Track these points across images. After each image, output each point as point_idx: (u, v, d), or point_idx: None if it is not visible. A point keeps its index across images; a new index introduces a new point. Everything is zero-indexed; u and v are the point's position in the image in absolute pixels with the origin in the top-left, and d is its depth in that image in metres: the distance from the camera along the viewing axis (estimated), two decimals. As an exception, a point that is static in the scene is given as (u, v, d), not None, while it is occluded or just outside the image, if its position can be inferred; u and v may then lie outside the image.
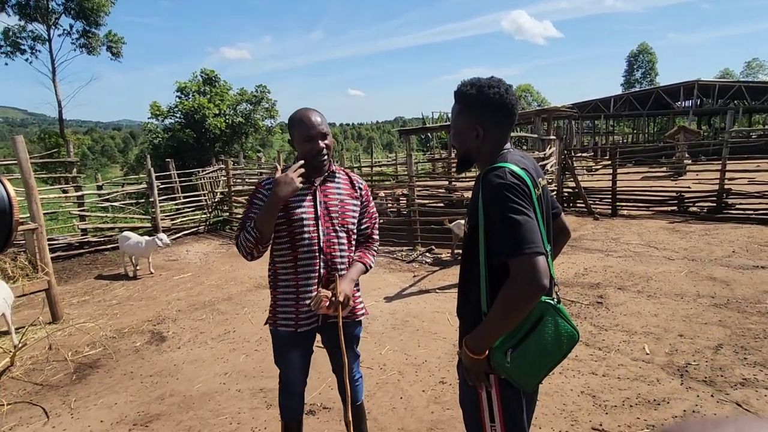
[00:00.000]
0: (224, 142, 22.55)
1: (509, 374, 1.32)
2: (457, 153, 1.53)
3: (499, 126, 1.41)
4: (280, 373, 2.12)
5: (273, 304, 2.05)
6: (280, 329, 2.01)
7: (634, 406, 2.76)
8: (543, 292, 1.21)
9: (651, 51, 54.98)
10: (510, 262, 1.23)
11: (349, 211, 2.03)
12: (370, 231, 2.13)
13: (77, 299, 5.84)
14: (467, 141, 1.44)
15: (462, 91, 1.41)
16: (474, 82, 1.40)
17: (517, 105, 1.41)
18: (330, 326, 2.01)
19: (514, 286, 1.21)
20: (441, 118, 29.37)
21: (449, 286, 5.44)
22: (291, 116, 1.95)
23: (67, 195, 9.38)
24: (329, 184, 2.01)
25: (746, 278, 4.94)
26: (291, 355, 2.06)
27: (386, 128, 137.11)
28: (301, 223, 1.91)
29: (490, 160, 1.40)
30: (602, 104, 30.95)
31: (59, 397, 3.33)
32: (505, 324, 1.26)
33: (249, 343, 4.08)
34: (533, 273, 1.19)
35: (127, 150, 77.43)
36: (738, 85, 27.30)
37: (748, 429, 0.29)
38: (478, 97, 1.37)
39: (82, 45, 25.56)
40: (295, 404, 2.16)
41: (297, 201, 1.92)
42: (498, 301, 1.24)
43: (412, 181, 8.21)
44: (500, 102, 1.36)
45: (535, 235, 1.22)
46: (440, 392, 3.08)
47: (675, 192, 9.34)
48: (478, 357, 1.33)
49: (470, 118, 1.40)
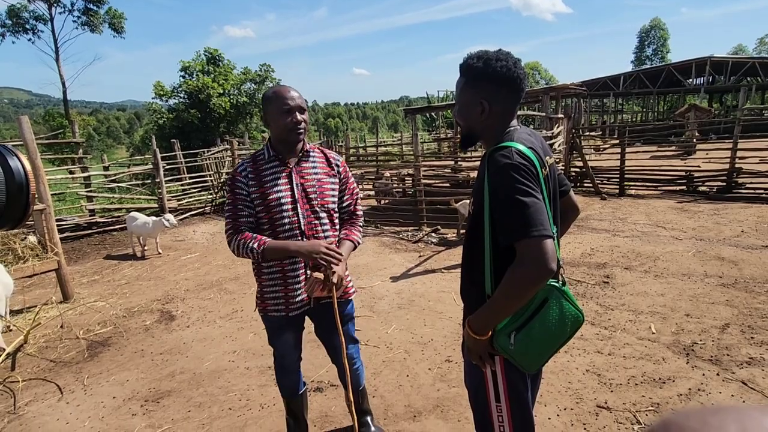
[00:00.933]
0: (229, 123, 22.44)
1: (512, 356, 1.32)
2: (460, 130, 1.47)
3: (506, 101, 1.35)
4: (274, 352, 2.13)
5: (260, 291, 2.02)
6: (270, 314, 2.01)
7: (639, 385, 2.78)
8: (549, 275, 1.18)
9: (663, 27, 53.52)
10: (516, 244, 1.20)
11: (327, 190, 1.98)
12: (353, 207, 2.09)
13: (87, 279, 5.92)
14: (472, 117, 1.37)
15: (468, 64, 1.34)
16: (481, 55, 1.34)
17: (525, 80, 1.35)
18: (321, 308, 2.01)
19: (520, 269, 1.18)
20: (447, 97, 29.03)
21: (455, 266, 5.45)
22: (265, 93, 1.91)
23: (74, 176, 9.43)
24: (304, 164, 1.96)
25: (755, 258, 4.90)
26: (285, 335, 2.07)
27: (391, 108, 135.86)
28: (280, 208, 1.88)
29: (496, 138, 1.36)
30: (611, 82, 30.36)
31: (72, 374, 3.41)
32: (509, 306, 1.25)
33: (256, 322, 4.13)
34: (540, 256, 1.16)
35: (132, 131, 77.47)
36: (752, 61, 26.62)
37: (747, 417, 0.29)
38: (484, 69, 1.31)
39: (84, 23, 25.33)
40: (293, 381, 2.19)
41: (271, 184, 1.89)
42: (503, 284, 1.22)
43: (418, 161, 8.15)
44: (508, 76, 1.30)
45: (543, 216, 1.19)
46: (446, 370, 3.12)
47: (684, 171, 9.21)
48: (481, 338, 1.32)
49: (476, 92, 1.34)
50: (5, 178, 0.80)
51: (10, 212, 0.84)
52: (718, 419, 0.29)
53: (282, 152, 1.92)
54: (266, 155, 1.93)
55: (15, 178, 0.81)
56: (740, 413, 0.30)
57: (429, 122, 31.89)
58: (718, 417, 0.30)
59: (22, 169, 0.83)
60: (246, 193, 1.88)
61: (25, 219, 0.91)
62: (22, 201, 0.83)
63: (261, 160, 1.93)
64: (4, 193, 0.80)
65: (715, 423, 0.29)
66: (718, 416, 0.30)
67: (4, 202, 0.80)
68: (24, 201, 0.84)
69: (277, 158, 1.92)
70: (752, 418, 0.29)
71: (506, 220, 1.22)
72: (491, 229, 1.30)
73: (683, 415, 0.31)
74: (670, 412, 0.48)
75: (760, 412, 0.30)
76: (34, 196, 0.85)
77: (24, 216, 0.88)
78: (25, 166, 0.84)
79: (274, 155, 1.93)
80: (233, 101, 22.25)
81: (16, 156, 0.84)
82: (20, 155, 0.85)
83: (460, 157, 11.24)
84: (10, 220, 0.87)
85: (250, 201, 1.88)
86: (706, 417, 0.30)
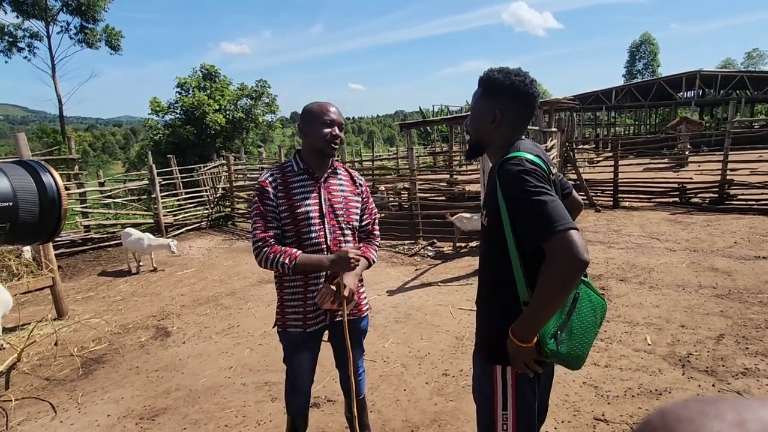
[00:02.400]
0: (225, 138, 22.55)
1: (561, 356, 1.32)
2: (469, 138, 1.52)
3: (517, 116, 1.41)
4: (288, 370, 2.10)
5: (280, 305, 2.02)
6: (289, 330, 2.00)
7: (636, 396, 2.78)
8: (585, 266, 1.18)
9: (653, 41, 54.58)
10: (545, 245, 1.20)
11: (352, 207, 2.02)
12: (371, 227, 2.13)
13: (81, 295, 5.88)
14: (483, 125, 1.43)
15: (488, 75, 1.42)
16: (501, 69, 1.41)
17: (538, 99, 1.42)
18: (338, 324, 2.02)
19: (554, 267, 1.18)
20: (441, 111, 29.27)
21: (451, 279, 5.46)
22: (307, 105, 1.94)
23: (69, 192, 9.42)
24: (332, 180, 1.99)
25: (748, 269, 4.94)
26: (301, 356, 2.05)
27: (387, 122, 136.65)
28: (308, 222, 1.89)
29: (502, 149, 1.40)
30: (603, 96, 30.76)
31: (66, 392, 3.37)
32: (551, 307, 1.24)
33: (253, 338, 4.11)
34: (571, 248, 1.16)
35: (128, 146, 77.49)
36: (740, 75, 27.08)
37: (744, 408, 0.29)
38: (503, 81, 1.38)
39: (81, 40, 25.52)
40: (302, 401, 2.17)
41: (300, 197, 1.90)
42: (540, 286, 1.21)
43: (414, 174, 8.21)
44: (525, 91, 1.37)
45: (563, 211, 1.21)
46: (443, 384, 3.11)
47: (677, 183, 9.32)
48: (526, 345, 1.30)
49: (491, 102, 1.40)
50: (38, 192, 0.83)
51: (44, 226, 0.87)
52: (715, 409, 0.29)
53: (312, 165, 1.94)
54: (295, 167, 1.94)
55: (48, 192, 0.85)
56: (738, 404, 0.29)
57: (424, 136, 32.11)
58: (715, 407, 0.29)
59: (54, 184, 0.86)
60: (275, 204, 1.88)
61: (57, 233, 0.94)
62: (54, 215, 0.87)
63: (289, 172, 1.94)
64: (37, 208, 0.83)
65: (712, 412, 0.29)
66: (715, 406, 0.29)
67: (37, 216, 0.83)
68: (57, 215, 0.87)
69: (307, 172, 1.94)
70: (750, 408, 0.29)
71: (528, 223, 1.24)
72: (515, 237, 1.31)
73: (680, 404, 0.31)
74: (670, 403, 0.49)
75: (757, 403, 0.29)
76: (65, 210, 0.89)
77: (56, 230, 0.91)
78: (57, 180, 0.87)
79: (304, 168, 1.94)
80: (229, 117, 22.38)
81: (48, 171, 0.87)
82: (52, 170, 0.88)
83: (455, 171, 11.31)
84: (43, 234, 0.90)
85: (278, 213, 1.89)
86: (703, 407, 0.29)
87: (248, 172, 12.11)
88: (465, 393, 2.93)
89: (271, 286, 5.60)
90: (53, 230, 0.88)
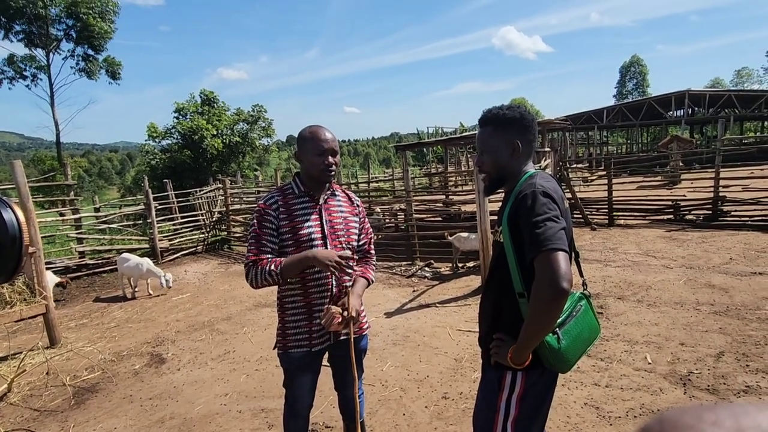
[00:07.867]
0: (221, 162, 22.64)
1: (559, 353, 1.38)
2: (488, 174, 1.58)
3: (529, 144, 1.53)
4: (287, 393, 2.07)
5: (281, 327, 2.00)
6: (291, 352, 1.98)
7: (638, 417, 2.74)
8: (564, 294, 1.23)
9: (642, 63, 55.93)
10: (534, 262, 1.28)
11: (352, 228, 2.05)
12: (368, 246, 2.16)
13: (75, 323, 5.80)
14: (503, 158, 1.52)
15: (494, 113, 1.53)
16: (511, 106, 1.54)
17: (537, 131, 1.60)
18: (340, 343, 2.02)
19: (536, 290, 1.27)
20: (436, 133, 29.61)
21: (449, 300, 5.43)
22: (302, 131, 1.96)
23: (64, 218, 9.37)
24: (331, 202, 2.02)
25: (744, 285, 4.95)
26: (302, 377, 2.03)
27: (382, 144, 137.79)
28: (310, 243, 1.90)
29: (518, 176, 1.51)
30: (595, 115, 31.26)
31: (57, 423, 3.29)
32: (540, 327, 1.31)
33: (249, 363, 4.05)
34: (553, 272, 1.23)
35: (124, 171, 77.61)
36: (728, 94, 27.64)
37: (742, 415, 0.29)
38: (512, 115, 1.50)
39: (82, 69, 25.85)
40: (301, 426, 2.13)
41: (302, 219, 1.93)
42: (530, 305, 1.30)
43: (410, 195, 8.25)
44: (531, 119, 1.53)
45: (561, 235, 1.29)
46: (443, 407, 3.06)
47: (671, 200, 9.39)
48: (521, 366, 1.41)
49: (506, 135, 1.51)
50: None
51: (3, 264, 0.83)
52: (714, 415, 0.29)
53: (311, 188, 1.97)
54: (296, 190, 1.97)
55: (8, 230, 0.81)
56: (735, 410, 0.30)
57: (419, 158, 32.39)
58: (713, 413, 0.29)
59: (16, 221, 0.83)
60: (275, 226, 1.89)
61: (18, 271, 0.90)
62: (15, 253, 0.83)
63: (290, 195, 1.97)
64: None
65: (710, 419, 0.29)
66: (713, 412, 0.29)
67: None
68: (17, 253, 0.83)
69: (307, 194, 1.96)
70: (748, 414, 0.29)
71: (530, 237, 1.32)
72: (515, 252, 1.41)
73: (678, 411, 0.31)
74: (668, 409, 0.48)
75: (755, 409, 0.30)
76: (27, 247, 0.85)
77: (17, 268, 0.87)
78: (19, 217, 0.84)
79: (305, 191, 1.97)
80: (226, 141, 22.54)
81: (9, 207, 0.84)
82: (14, 206, 0.85)
83: (451, 191, 11.37)
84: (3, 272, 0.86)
85: (277, 235, 1.90)
86: (702, 413, 0.30)
87: (244, 196, 12.13)
88: (465, 416, 2.88)
89: (267, 310, 5.55)
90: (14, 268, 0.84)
